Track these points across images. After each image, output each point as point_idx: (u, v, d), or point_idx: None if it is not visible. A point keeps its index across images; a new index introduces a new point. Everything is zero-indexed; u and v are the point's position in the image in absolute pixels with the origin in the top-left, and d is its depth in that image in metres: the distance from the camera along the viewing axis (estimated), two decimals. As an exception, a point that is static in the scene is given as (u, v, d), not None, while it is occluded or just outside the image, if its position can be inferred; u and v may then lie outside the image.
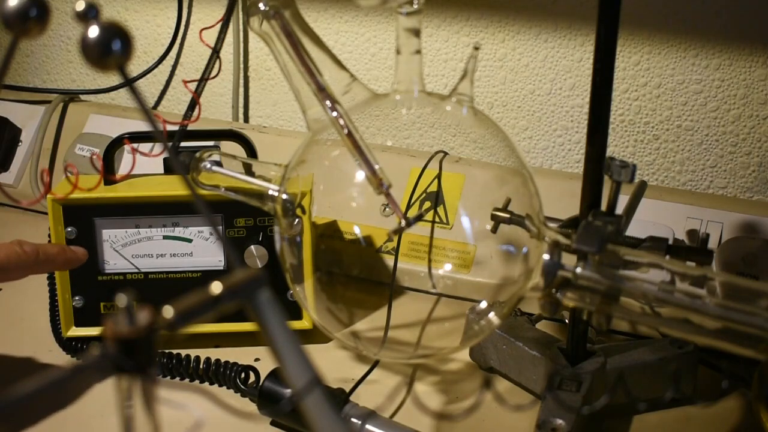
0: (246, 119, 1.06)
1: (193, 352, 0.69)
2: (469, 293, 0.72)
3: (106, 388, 0.31)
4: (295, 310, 0.73)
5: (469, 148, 0.64)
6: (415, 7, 0.57)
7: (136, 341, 0.29)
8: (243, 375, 0.67)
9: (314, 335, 0.72)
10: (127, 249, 0.73)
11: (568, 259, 0.53)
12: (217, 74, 0.78)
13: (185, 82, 0.75)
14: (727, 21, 0.81)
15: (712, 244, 0.75)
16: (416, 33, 0.58)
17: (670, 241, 0.69)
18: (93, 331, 0.73)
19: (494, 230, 0.63)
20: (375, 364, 0.70)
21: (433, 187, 0.75)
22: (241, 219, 0.72)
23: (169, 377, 0.70)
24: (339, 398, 0.62)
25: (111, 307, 0.73)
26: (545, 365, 0.64)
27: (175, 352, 0.70)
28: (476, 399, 0.68)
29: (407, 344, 0.69)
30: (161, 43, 1.05)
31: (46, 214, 0.72)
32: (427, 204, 0.77)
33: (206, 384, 0.69)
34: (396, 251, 0.80)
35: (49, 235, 0.71)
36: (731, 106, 0.83)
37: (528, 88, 0.91)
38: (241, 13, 1.01)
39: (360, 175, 0.57)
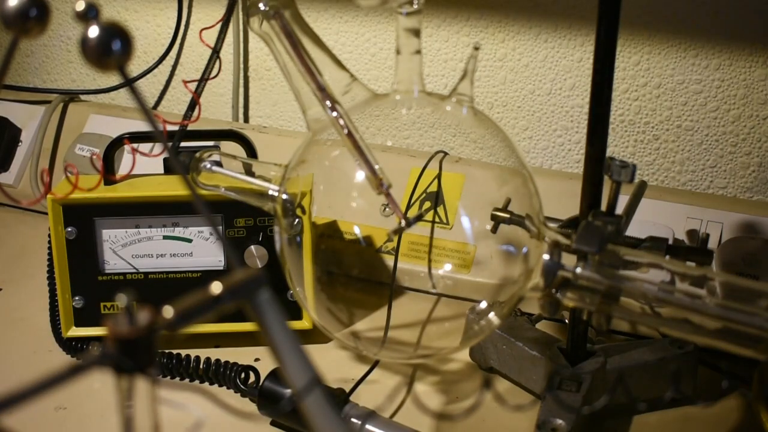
0: (246, 119, 1.06)
1: (193, 352, 0.69)
2: (469, 293, 0.72)
3: (106, 388, 0.31)
4: (295, 310, 0.73)
5: (469, 148, 0.64)
6: (415, 7, 0.56)
7: (136, 341, 0.29)
8: (243, 375, 0.67)
9: (314, 335, 0.72)
10: (127, 249, 0.73)
11: (568, 259, 0.53)
12: (217, 74, 0.78)
13: (185, 82, 0.75)
14: (727, 21, 0.81)
15: (712, 244, 0.75)
16: (416, 33, 0.58)
17: (670, 241, 0.69)
18: (93, 331, 0.73)
19: (494, 230, 0.63)
20: (375, 364, 0.70)
21: (433, 187, 0.75)
22: (241, 219, 0.72)
23: (169, 377, 0.70)
24: (339, 398, 0.62)
25: (111, 307, 0.73)
26: (545, 365, 0.64)
27: (175, 352, 0.70)
28: (476, 399, 0.68)
29: (407, 344, 0.69)
30: (161, 43, 1.05)
31: (46, 214, 0.72)
32: (427, 204, 0.77)
33: (206, 384, 0.69)
34: (396, 251, 0.80)
35: (49, 235, 0.71)
36: (731, 106, 0.83)
37: (528, 88, 0.91)
38: (241, 13, 1.01)
39: (360, 175, 0.57)
